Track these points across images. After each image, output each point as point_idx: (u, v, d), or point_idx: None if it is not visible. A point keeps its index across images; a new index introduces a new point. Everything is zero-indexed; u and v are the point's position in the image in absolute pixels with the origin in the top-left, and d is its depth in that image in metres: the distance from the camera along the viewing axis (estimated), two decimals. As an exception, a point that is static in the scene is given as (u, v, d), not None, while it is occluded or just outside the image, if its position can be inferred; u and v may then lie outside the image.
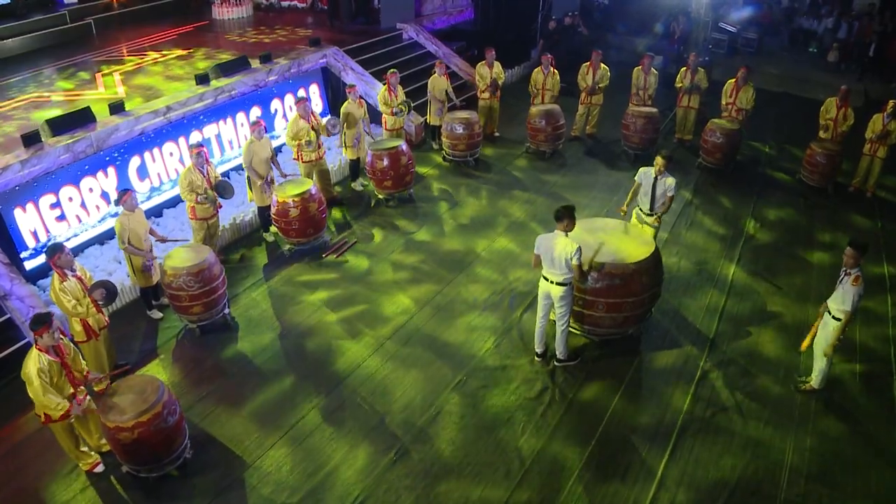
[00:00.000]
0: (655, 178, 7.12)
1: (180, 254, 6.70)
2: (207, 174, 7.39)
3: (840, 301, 5.66)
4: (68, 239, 7.94)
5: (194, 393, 6.19)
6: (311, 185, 7.94)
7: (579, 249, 5.72)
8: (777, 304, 7.39)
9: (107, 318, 6.08)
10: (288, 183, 8.07)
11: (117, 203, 6.67)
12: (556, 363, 6.34)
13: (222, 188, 7.54)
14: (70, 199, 7.98)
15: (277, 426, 5.77)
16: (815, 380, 6.11)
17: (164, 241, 7.08)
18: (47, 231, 7.75)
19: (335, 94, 12.10)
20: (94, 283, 5.87)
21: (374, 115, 10.51)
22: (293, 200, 7.78)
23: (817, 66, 15.71)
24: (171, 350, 6.77)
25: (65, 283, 5.64)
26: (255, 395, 6.12)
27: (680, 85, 11.20)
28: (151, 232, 6.93)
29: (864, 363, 6.52)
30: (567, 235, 5.79)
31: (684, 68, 11.26)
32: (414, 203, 9.49)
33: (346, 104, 9.27)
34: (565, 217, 5.77)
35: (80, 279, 5.78)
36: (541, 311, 6.24)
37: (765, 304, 7.38)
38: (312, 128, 8.55)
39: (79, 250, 8.04)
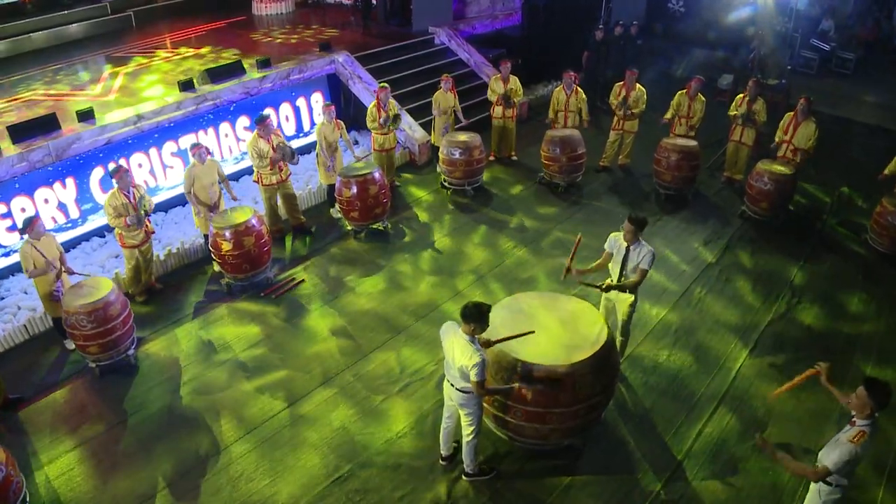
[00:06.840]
0: (627, 249, 5.65)
1: (78, 290, 6.17)
2: (133, 197, 6.82)
3: (825, 455, 4.08)
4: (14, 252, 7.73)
5: (65, 443, 5.64)
6: (250, 216, 7.15)
7: (481, 364, 4.35)
8: (784, 419, 5.73)
9: (-21, 357, 5.65)
10: (230, 211, 7.35)
11: (22, 232, 6.22)
12: (464, 476, 5.17)
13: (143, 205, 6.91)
14: (22, 209, 7.73)
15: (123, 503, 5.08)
16: (795, 547, 4.59)
17: (70, 273, 6.56)
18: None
19: (348, 103, 11.31)
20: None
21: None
22: (228, 233, 7.04)
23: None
24: (68, 388, 6.27)
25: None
26: (119, 460, 5.45)
27: (734, 114, 9.43)
28: (61, 260, 6.45)
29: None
30: (472, 340, 4.48)
31: (741, 95, 9.46)
32: (388, 237, 8.49)
33: (318, 125, 8.41)
34: (472, 320, 4.40)
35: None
36: (446, 411, 5.06)
37: (767, 419, 5.75)
38: (274, 148, 7.77)
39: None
